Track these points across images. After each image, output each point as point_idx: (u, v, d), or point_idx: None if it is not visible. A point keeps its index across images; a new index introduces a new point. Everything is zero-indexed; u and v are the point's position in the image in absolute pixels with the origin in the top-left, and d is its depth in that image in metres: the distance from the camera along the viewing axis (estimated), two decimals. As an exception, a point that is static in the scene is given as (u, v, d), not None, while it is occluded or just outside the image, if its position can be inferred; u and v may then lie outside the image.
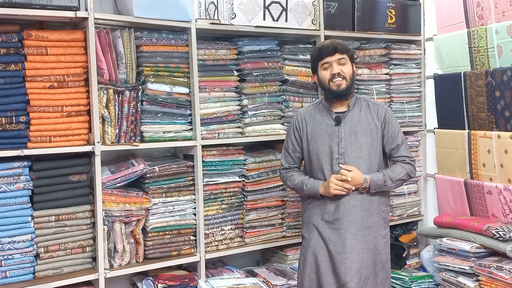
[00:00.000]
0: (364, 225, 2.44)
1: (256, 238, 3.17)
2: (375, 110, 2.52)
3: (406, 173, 2.49)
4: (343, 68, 2.45)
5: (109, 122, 2.69)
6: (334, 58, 2.45)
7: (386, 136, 2.50)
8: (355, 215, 2.43)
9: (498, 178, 3.11)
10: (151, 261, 2.86)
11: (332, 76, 2.44)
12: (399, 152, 2.51)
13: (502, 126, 3.09)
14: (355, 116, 2.49)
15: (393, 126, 2.51)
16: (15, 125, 2.52)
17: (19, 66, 2.51)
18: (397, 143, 2.51)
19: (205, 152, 2.98)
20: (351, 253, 2.41)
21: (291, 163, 2.64)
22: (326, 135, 2.49)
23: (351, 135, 2.45)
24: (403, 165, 2.50)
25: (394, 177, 2.45)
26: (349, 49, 2.50)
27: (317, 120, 2.54)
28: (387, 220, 2.55)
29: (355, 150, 2.45)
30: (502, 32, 3.05)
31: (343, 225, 2.43)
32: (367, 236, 2.44)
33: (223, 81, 3.07)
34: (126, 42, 2.75)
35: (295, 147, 2.61)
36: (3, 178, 2.49)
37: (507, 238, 2.84)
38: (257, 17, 3.07)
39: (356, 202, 2.44)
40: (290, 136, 2.63)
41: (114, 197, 2.73)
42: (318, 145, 2.50)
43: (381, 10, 3.59)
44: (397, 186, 2.55)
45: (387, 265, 2.54)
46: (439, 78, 3.56)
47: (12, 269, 2.52)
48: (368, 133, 2.47)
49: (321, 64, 2.49)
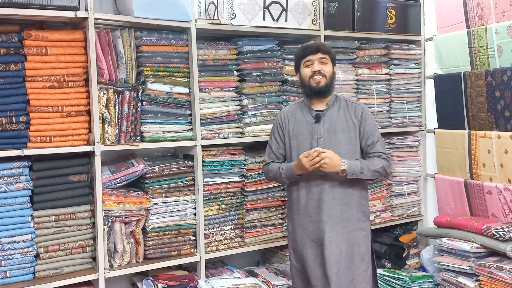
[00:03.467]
0: (342, 218, 2.54)
1: (256, 238, 3.17)
2: (353, 109, 2.63)
3: (382, 166, 2.57)
4: (323, 67, 2.58)
5: (109, 122, 2.69)
6: (316, 57, 2.57)
7: (362, 133, 2.61)
8: (334, 208, 2.53)
9: (498, 178, 3.11)
10: (151, 261, 2.86)
11: (313, 73, 2.56)
12: (375, 148, 2.60)
13: (502, 126, 3.09)
14: (334, 114, 2.60)
15: (369, 124, 2.61)
16: (15, 125, 2.52)
17: (19, 66, 2.51)
18: (372, 140, 2.60)
19: (205, 152, 2.99)
20: (329, 245, 2.50)
21: (273, 159, 2.73)
22: (307, 132, 2.60)
23: (329, 132, 2.57)
24: (380, 159, 2.59)
25: (371, 167, 2.54)
26: (331, 51, 2.64)
27: (299, 118, 2.65)
28: (367, 213, 2.65)
29: (333, 146, 2.54)
30: (502, 32, 3.06)
31: (323, 218, 2.53)
32: (345, 228, 2.54)
33: (223, 81, 3.08)
34: (126, 42, 2.75)
35: (279, 144, 2.71)
36: (3, 178, 2.49)
37: (507, 238, 2.84)
38: (257, 17, 3.07)
39: (336, 196, 2.54)
40: (274, 133, 2.74)
41: (114, 197, 2.73)
42: (299, 142, 2.62)
43: (381, 10, 3.60)
44: (373, 177, 2.62)
45: (367, 257, 2.62)
46: (439, 78, 3.56)
47: (12, 269, 2.52)
48: (346, 130, 2.58)
49: (303, 62, 2.61)
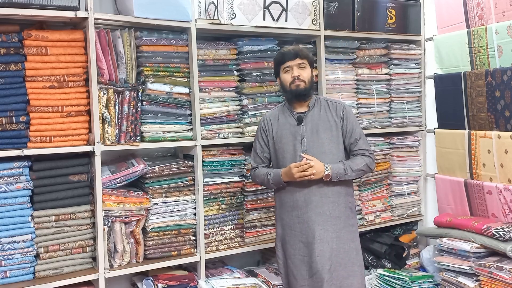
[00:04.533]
0: (332, 216, 2.57)
1: (256, 238, 3.17)
2: (334, 108, 2.67)
3: (365, 163, 2.61)
4: (302, 72, 2.62)
5: (109, 122, 2.69)
6: (295, 63, 2.62)
7: (345, 131, 2.65)
8: (323, 207, 2.56)
9: (498, 178, 3.11)
10: (151, 261, 2.86)
11: (292, 79, 2.61)
12: (358, 145, 2.64)
13: (502, 126, 3.09)
14: (316, 115, 2.65)
15: (351, 122, 2.66)
16: (15, 125, 2.52)
17: (19, 66, 2.51)
18: (355, 137, 2.64)
19: (205, 152, 2.99)
20: (320, 243, 2.53)
21: (259, 163, 2.76)
22: (290, 135, 2.64)
23: (312, 133, 2.61)
24: (363, 157, 2.63)
25: (354, 167, 2.57)
26: (309, 56, 2.69)
27: (281, 121, 2.70)
28: (353, 210, 2.70)
29: (317, 146, 2.59)
30: (502, 32, 3.05)
31: (312, 217, 2.55)
32: (335, 226, 2.57)
33: (223, 81, 3.08)
34: (126, 42, 2.75)
35: (263, 148, 2.74)
36: (3, 178, 2.49)
37: (507, 238, 2.84)
38: (257, 17, 3.07)
39: (324, 195, 2.57)
40: (258, 138, 2.77)
41: (114, 197, 2.73)
42: (283, 144, 2.65)
43: (381, 10, 3.59)
44: (357, 176, 2.68)
45: (359, 252, 2.66)
46: (439, 78, 3.56)
47: (12, 269, 2.52)
48: (328, 129, 2.62)
49: (283, 68, 2.66)
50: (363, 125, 3.54)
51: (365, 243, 3.48)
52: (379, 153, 3.63)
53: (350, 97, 3.53)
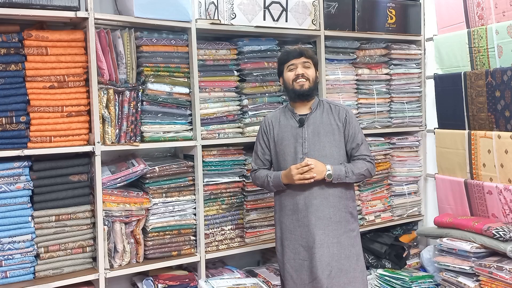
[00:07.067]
0: (333, 221, 2.53)
1: (256, 238, 3.17)
2: (336, 112, 2.64)
3: (366, 169, 2.59)
4: (307, 71, 2.60)
5: (109, 122, 2.69)
6: (299, 61, 2.60)
7: (347, 136, 2.62)
8: (323, 211, 2.52)
9: (498, 178, 3.11)
10: (151, 261, 2.86)
11: (296, 76, 2.59)
12: (359, 151, 2.62)
13: (502, 126, 3.09)
14: (318, 118, 2.62)
15: (353, 126, 2.63)
16: (15, 125, 2.52)
17: (19, 66, 2.51)
18: (357, 142, 2.62)
19: (205, 152, 2.99)
20: (320, 248, 2.49)
21: (260, 165, 2.74)
22: (291, 137, 2.61)
23: (314, 136, 2.58)
24: (365, 162, 2.61)
25: (355, 170, 2.55)
26: (314, 56, 2.68)
27: (283, 123, 2.67)
28: (354, 215, 2.66)
29: (318, 149, 2.56)
30: (502, 32, 3.06)
31: (312, 221, 2.52)
32: (336, 231, 2.54)
33: (223, 81, 3.08)
34: (126, 42, 2.75)
35: (264, 150, 2.72)
36: (3, 178, 2.49)
37: (507, 238, 2.84)
38: (257, 17, 3.07)
39: (324, 198, 2.53)
40: (259, 139, 2.75)
41: (114, 197, 2.73)
42: (284, 147, 2.62)
43: (381, 10, 3.60)
44: (358, 180, 2.64)
45: (361, 257, 2.63)
46: (439, 78, 3.56)
47: (12, 269, 2.52)
48: (330, 133, 2.59)
49: (287, 66, 2.63)
50: (363, 125, 3.54)
51: (366, 243, 3.48)
52: (379, 153, 3.63)
53: (350, 97, 3.53)
